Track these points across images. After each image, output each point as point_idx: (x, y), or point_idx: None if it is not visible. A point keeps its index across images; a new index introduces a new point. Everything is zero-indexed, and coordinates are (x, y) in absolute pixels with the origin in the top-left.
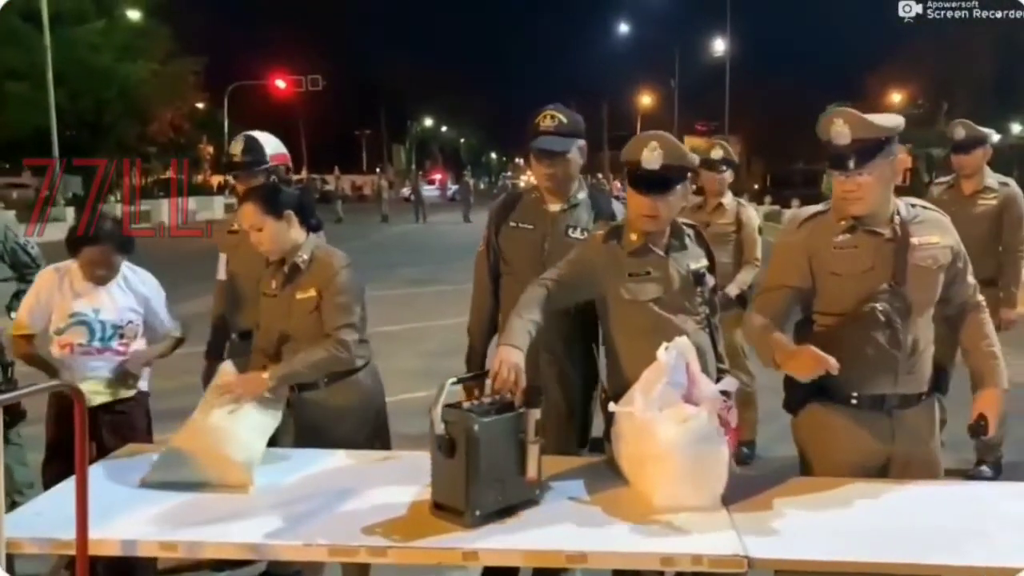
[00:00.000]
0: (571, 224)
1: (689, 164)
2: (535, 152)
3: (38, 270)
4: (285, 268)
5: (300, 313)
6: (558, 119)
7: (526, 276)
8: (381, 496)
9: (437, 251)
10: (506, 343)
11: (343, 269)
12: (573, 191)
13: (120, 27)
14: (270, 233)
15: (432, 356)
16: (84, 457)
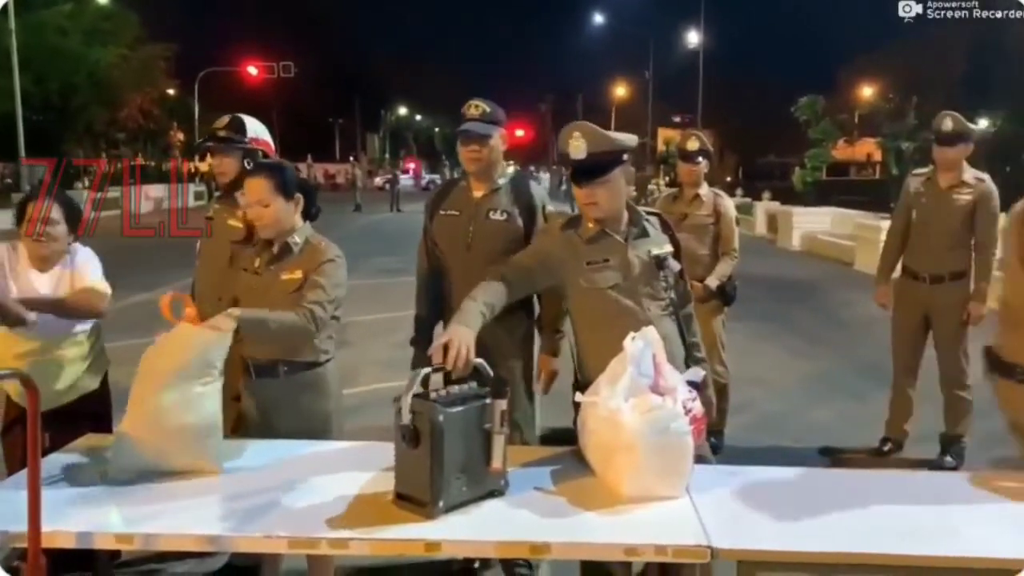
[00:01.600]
0: (492, 207)
1: (618, 148)
2: (461, 136)
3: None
4: (274, 248)
5: (281, 292)
6: (482, 108)
7: (454, 261)
8: (343, 487)
9: (411, 240)
10: (456, 322)
11: (336, 259)
12: (496, 176)
13: (88, 11)
14: (275, 211)
15: (404, 346)
16: (36, 448)
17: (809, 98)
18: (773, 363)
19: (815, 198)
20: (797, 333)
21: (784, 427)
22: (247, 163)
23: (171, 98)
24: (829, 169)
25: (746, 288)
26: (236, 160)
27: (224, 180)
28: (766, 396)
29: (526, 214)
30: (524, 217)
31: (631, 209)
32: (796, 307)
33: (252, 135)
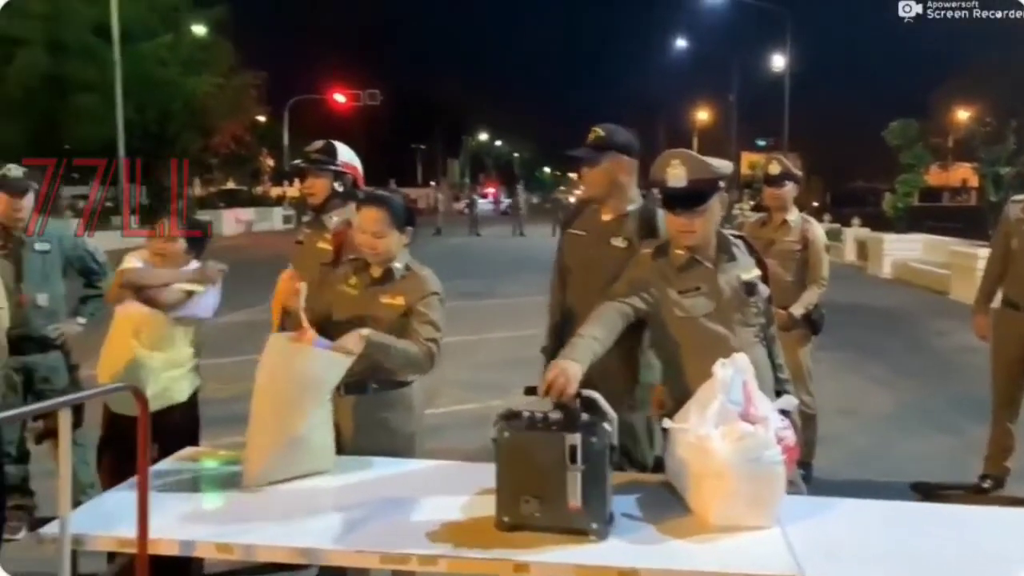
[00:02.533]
0: (615, 233)
1: (717, 176)
2: (571, 160)
3: (104, 277)
4: (374, 272)
5: (382, 315)
6: (597, 133)
7: (579, 280)
8: (432, 505)
9: (490, 264)
10: (564, 356)
11: (439, 291)
12: (623, 203)
13: (186, 42)
14: (389, 243)
15: (484, 368)
16: (146, 457)
17: (901, 122)
18: (862, 394)
19: (907, 225)
20: (887, 363)
21: (873, 460)
22: (337, 186)
23: (261, 125)
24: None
25: (834, 316)
26: (327, 182)
27: (315, 201)
28: (854, 428)
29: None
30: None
31: (719, 234)
32: (886, 336)
33: (343, 160)
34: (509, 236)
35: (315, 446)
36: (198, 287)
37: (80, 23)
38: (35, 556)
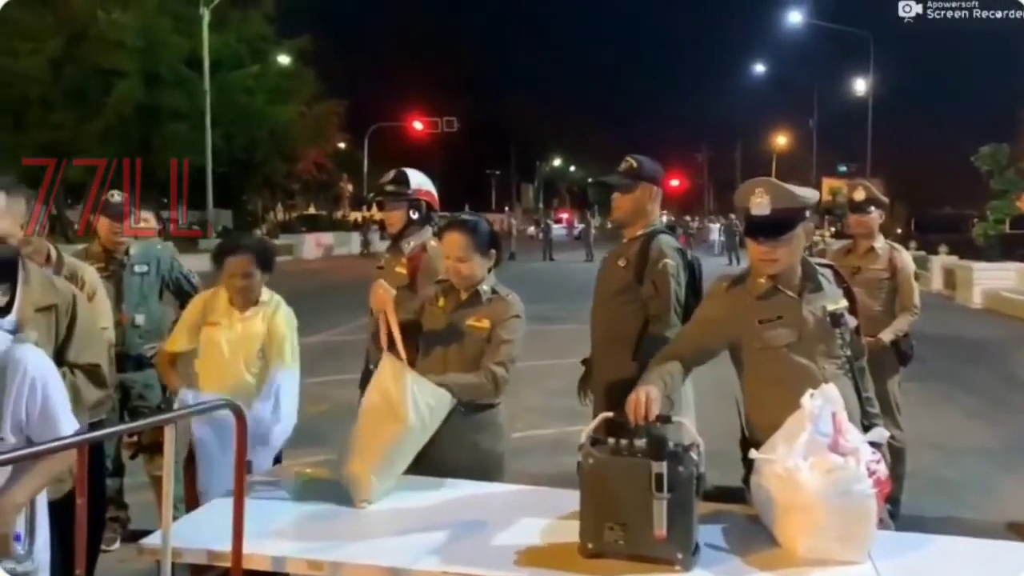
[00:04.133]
0: (622, 255)
1: (801, 205)
2: (600, 186)
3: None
4: (462, 294)
5: (468, 338)
6: (630, 163)
7: (595, 298)
8: (515, 528)
9: (563, 289)
10: (644, 380)
11: (521, 314)
12: (643, 228)
13: (271, 72)
14: (473, 267)
15: (558, 394)
16: (242, 473)
17: (992, 147)
18: (951, 427)
19: (998, 253)
20: (978, 395)
21: (964, 495)
22: (412, 214)
23: (342, 152)
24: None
25: (923, 347)
26: (403, 211)
27: (393, 230)
28: (943, 462)
29: (639, 264)
30: (637, 266)
31: (804, 263)
32: (978, 369)
33: (416, 187)
34: (581, 261)
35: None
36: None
37: (174, 55)
38: (129, 567)
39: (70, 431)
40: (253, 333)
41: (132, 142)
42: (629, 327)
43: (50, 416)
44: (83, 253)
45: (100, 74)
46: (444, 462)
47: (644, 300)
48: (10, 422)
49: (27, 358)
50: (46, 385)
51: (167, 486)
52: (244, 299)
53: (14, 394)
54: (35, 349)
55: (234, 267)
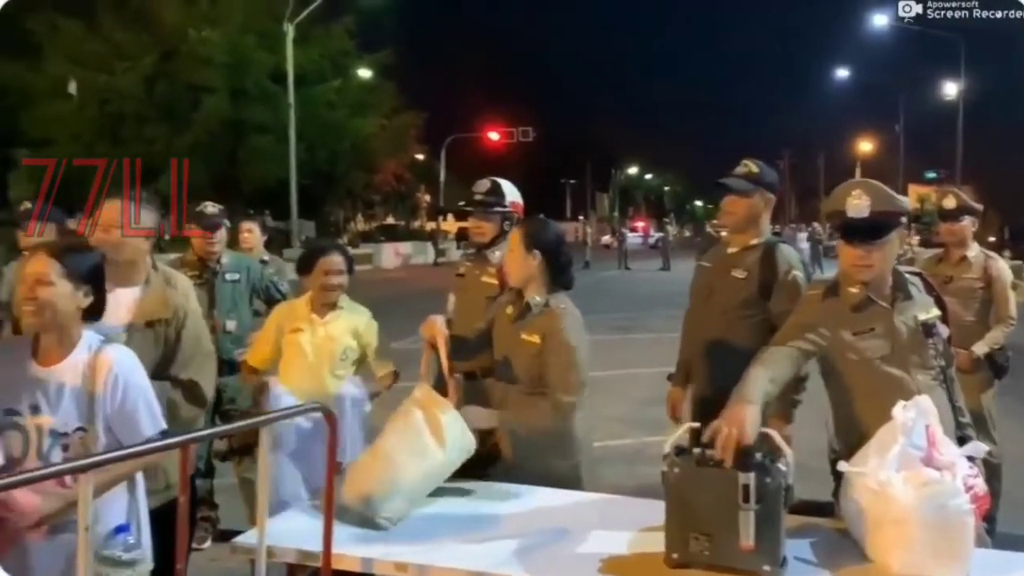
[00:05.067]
0: (736, 265)
1: (900, 209)
2: (718, 188)
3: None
4: (518, 305)
5: (523, 353)
6: (749, 168)
7: (696, 309)
8: (599, 538)
9: (639, 298)
10: (740, 398)
11: (572, 325)
12: (754, 237)
13: (353, 85)
14: (517, 259)
15: (637, 404)
16: (333, 474)
17: None
18: None
19: None
20: None
21: None
22: (505, 226)
23: (419, 163)
24: None
25: (1019, 359)
26: (496, 223)
27: (483, 240)
28: None
29: (765, 276)
30: (762, 278)
31: (895, 272)
32: None
33: (511, 200)
34: (657, 270)
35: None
36: None
37: (259, 70)
38: (220, 565)
39: (151, 431)
40: (336, 336)
41: (220, 155)
42: (746, 342)
43: (129, 414)
44: (178, 262)
45: (190, 90)
46: (520, 470)
47: (774, 315)
48: (101, 419)
49: (112, 357)
50: (128, 383)
51: (262, 486)
52: (332, 299)
53: (99, 392)
54: (122, 349)
55: (328, 265)
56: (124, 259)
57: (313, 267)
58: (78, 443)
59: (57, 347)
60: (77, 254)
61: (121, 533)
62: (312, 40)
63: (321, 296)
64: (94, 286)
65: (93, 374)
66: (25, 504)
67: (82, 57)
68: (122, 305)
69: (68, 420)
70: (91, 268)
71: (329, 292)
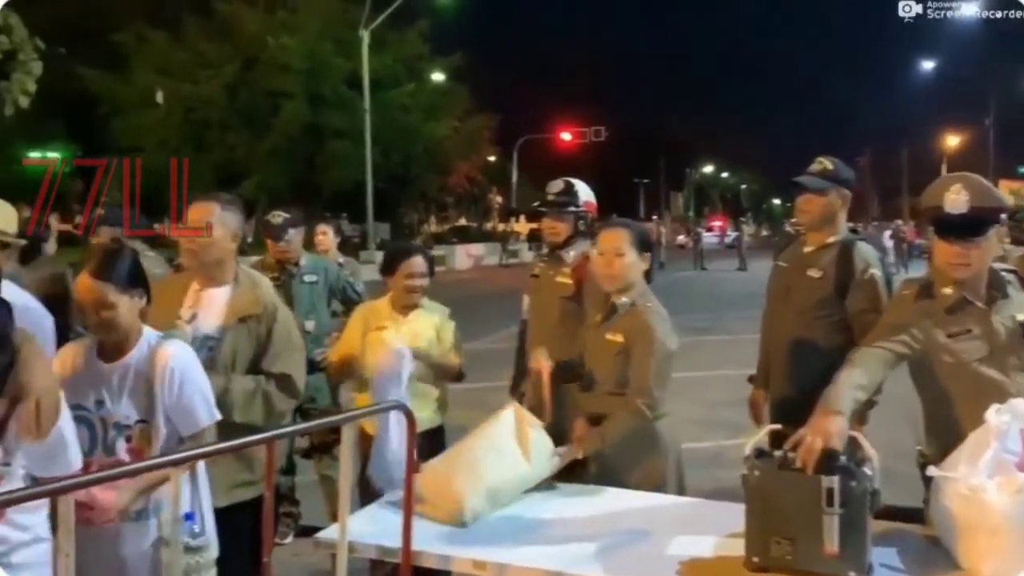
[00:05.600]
0: (812, 265)
1: (1000, 205)
2: (793, 187)
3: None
4: (606, 307)
5: (606, 353)
6: (824, 165)
7: (773, 310)
8: (679, 540)
9: (716, 299)
10: (826, 407)
11: (658, 323)
12: (830, 235)
13: (426, 89)
14: (628, 264)
15: (716, 407)
16: (411, 473)
17: None
18: None
19: None
20: None
21: None
22: (580, 225)
23: (491, 164)
24: None
25: None
26: (570, 223)
27: (557, 240)
28: None
29: (841, 275)
30: (838, 277)
31: (990, 270)
32: None
33: (584, 199)
34: (733, 270)
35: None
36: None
37: (336, 76)
38: (301, 560)
39: (207, 421)
40: (419, 333)
41: (298, 160)
42: (824, 343)
43: (186, 405)
44: (258, 264)
45: (269, 96)
46: (606, 471)
47: (851, 315)
48: (161, 411)
49: (168, 351)
50: (184, 376)
51: (344, 482)
52: (413, 300)
53: (158, 385)
54: (179, 343)
55: (410, 268)
56: (212, 260)
57: (396, 269)
58: (140, 435)
59: (120, 345)
60: (117, 265)
61: (188, 521)
62: (387, 45)
63: (403, 297)
64: (142, 284)
65: (152, 368)
66: (105, 500)
67: (168, 67)
68: (215, 304)
69: (130, 413)
70: (132, 269)
71: (411, 294)
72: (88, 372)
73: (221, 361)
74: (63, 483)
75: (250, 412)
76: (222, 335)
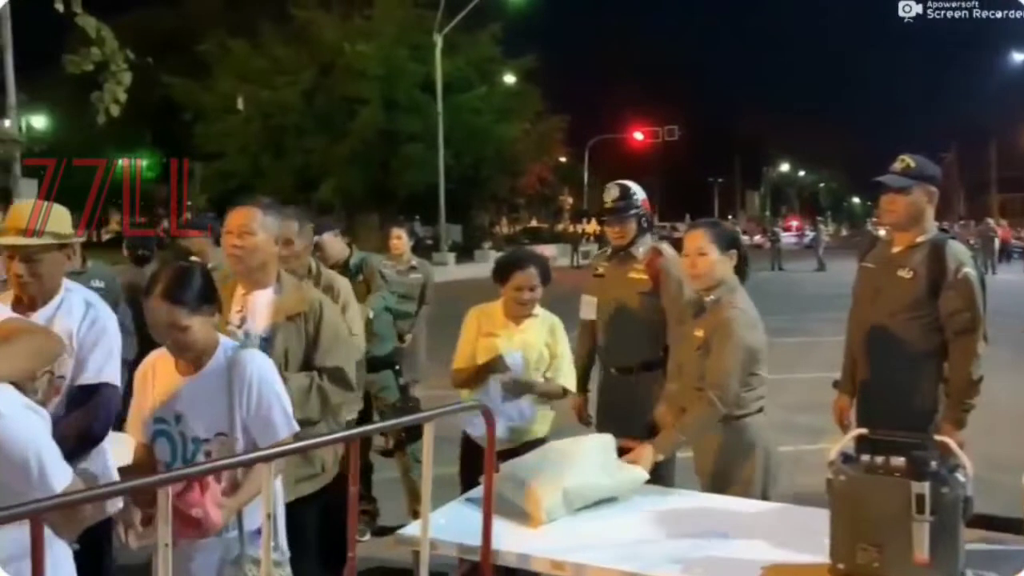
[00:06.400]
0: (902, 265)
1: None
2: (875, 187)
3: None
4: (698, 302)
5: (688, 347)
6: (907, 163)
7: (862, 312)
8: (760, 545)
9: (794, 300)
10: None
11: (739, 321)
12: (918, 234)
13: (498, 92)
14: (712, 262)
15: (794, 410)
16: (491, 473)
17: None
18: None
19: None
20: None
21: None
22: (643, 223)
23: (563, 165)
24: None
25: None
26: (634, 224)
27: (624, 242)
28: None
29: (933, 275)
30: (930, 277)
31: None
32: None
33: (641, 199)
34: (811, 271)
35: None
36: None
37: (410, 81)
38: (377, 556)
39: (286, 432)
40: (531, 343)
41: (373, 164)
42: (917, 345)
43: (264, 417)
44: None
45: (345, 102)
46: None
47: (944, 315)
48: (239, 422)
49: (247, 360)
50: (261, 388)
51: (426, 479)
52: (526, 311)
53: (236, 395)
54: (256, 354)
55: (522, 281)
56: (257, 263)
57: (508, 279)
58: (219, 448)
59: (198, 358)
60: (186, 285)
61: (260, 536)
62: (459, 49)
63: (514, 308)
64: (213, 299)
65: (230, 380)
66: (215, 517)
67: (248, 74)
68: (262, 306)
69: (209, 425)
70: (203, 288)
71: (522, 307)
72: (167, 385)
73: (274, 360)
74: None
75: (307, 408)
76: (272, 335)
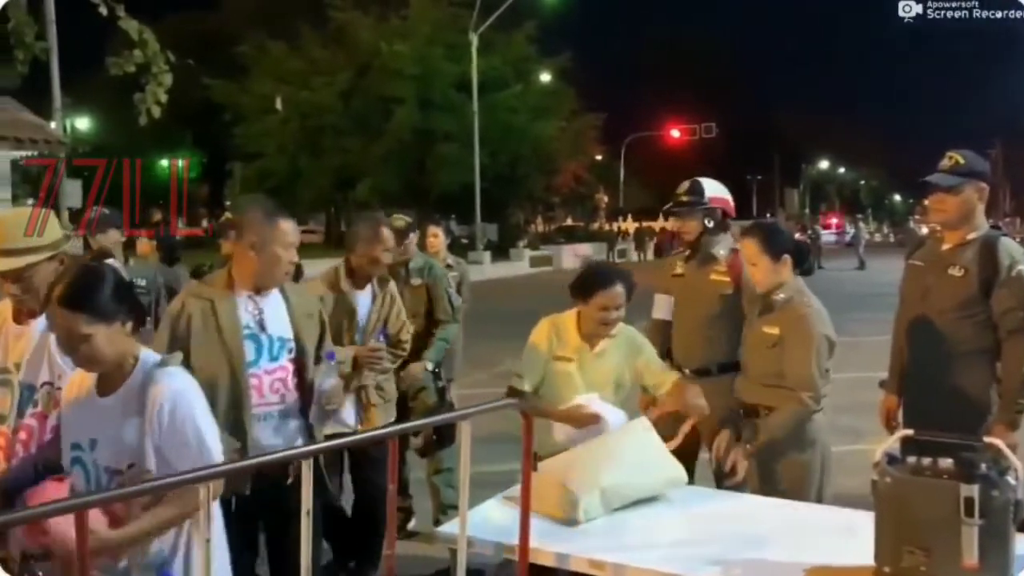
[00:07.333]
0: (953, 263)
1: None
2: (924, 186)
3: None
4: (767, 300)
5: (761, 345)
6: (955, 159)
7: (912, 311)
8: (804, 547)
9: (833, 299)
10: None
11: (814, 318)
12: (969, 231)
13: (534, 90)
14: (764, 269)
15: (833, 411)
16: (528, 471)
17: None
18: None
19: None
20: None
21: None
22: (708, 222)
23: (598, 163)
24: None
25: None
26: (698, 220)
27: (689, 238)
28: None
29: (985, 272)
30: (982, 275)
31: None
32: None
33: (711, 195)
34: (852, 269)
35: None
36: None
37: (445, 81)
38: (411, 553)
39: (211, 459)
40: (608, 368)
41: (409, 163)
42: (970, 344)
43: (178, 445)
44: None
45: (381, 102)
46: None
47: (997, 314)
48: (152, 451)
49: (162, 384)
50: (175, 411)
51: (463, 477)
52: (607, 332)
53: (149, 422)
54: (174, 374)
55: (607, 300)
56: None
57: (591, 296)
58: (131, 479)
59: (113, 376)
60: (87, 289)
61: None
62: (494, 48)
63: (595, 328)
64: (127, 304)
65: (142, 403)
66: (59, 532)
67: (286, 75)
68: (276, 309)
69: (121, 455)
70: (109, 293)
71: (604, 326)
72: (85, 407)
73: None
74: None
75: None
76: (297, 335)
